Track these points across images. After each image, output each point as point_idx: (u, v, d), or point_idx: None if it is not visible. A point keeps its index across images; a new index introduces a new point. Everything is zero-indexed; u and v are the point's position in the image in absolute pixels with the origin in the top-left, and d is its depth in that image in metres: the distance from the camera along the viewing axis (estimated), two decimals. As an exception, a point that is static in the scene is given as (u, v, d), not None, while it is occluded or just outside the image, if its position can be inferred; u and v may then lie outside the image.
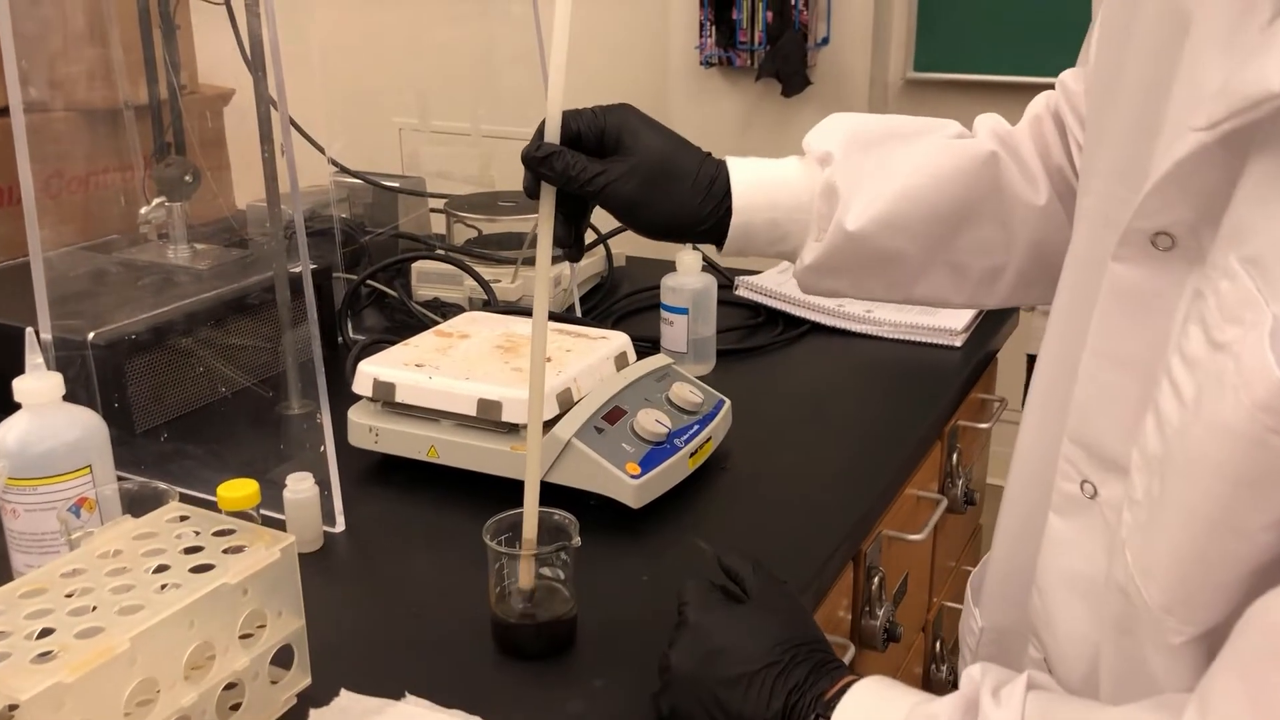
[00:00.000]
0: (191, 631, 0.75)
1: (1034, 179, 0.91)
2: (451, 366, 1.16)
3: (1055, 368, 0.74)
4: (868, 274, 0.92)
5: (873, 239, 0.89)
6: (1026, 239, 0.90)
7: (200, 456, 1.20)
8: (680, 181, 0.88)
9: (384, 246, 1.71)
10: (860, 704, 0.71)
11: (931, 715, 0.66)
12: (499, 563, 0.91)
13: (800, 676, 0.74)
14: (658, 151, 0.88)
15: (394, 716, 0.83)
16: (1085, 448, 0.67)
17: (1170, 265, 0.60)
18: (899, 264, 0.91)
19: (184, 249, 1.46)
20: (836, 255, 0.90)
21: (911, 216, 0.89)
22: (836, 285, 0.93)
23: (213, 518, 0.85)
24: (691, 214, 0.88)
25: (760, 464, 1.22)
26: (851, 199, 0.89)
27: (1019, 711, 0.62)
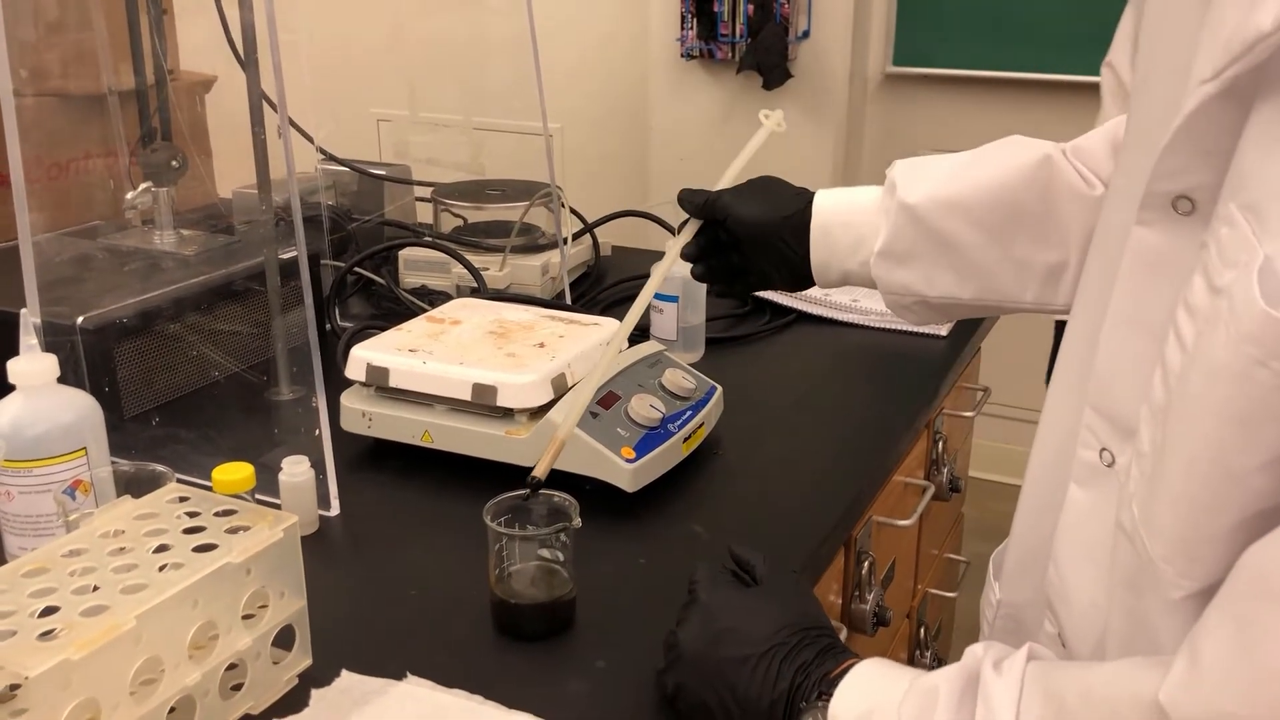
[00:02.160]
0: (195, 611, 0.75)
1: (1093, 174, 0.94)
2: (445, 351, 1.16)
3: (1081, 338, 0.75)
4: (935, 261, 0.96)
5: (931, 217, 0.95)
6: (1083, 232, 0.93)
7: (192, 441, 1.19)
8: (772, 189, 1.05)
9: (370, 234, 1.70)
10: (862, 681, 0.72)
11: (931, 687, 0.67)
12: (499, 544, 0.91)
13: (807, 658, 0.76)
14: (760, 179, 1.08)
15: (396, 697, 0.83)
16: (1105, 415, 0.68)
17: (1190, 230, 0.61)
18: (963, 252, 0.95)
19: (170, 235, 1.45)
20: (901, 236, 0.96)
21: (968, 200, 0.94)
22: (908, 277, 0.98)
23: (213, 498, 0.84)
24: (777, 211, 1.02)
25: (752, 450, 1.22)
26: (911, 181, 0.97)
27: (1018, 680, 0.63)
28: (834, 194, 1.02)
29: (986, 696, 0.64)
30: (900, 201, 0.96)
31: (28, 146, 1.31)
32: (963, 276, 0.96)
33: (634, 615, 0.94)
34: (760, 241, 1.03)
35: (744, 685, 0.76)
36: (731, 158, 1.53)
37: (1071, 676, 0.62)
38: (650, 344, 1.25)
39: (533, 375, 1.11)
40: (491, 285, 1.55)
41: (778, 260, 1.03)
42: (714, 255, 1.08)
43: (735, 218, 1.03)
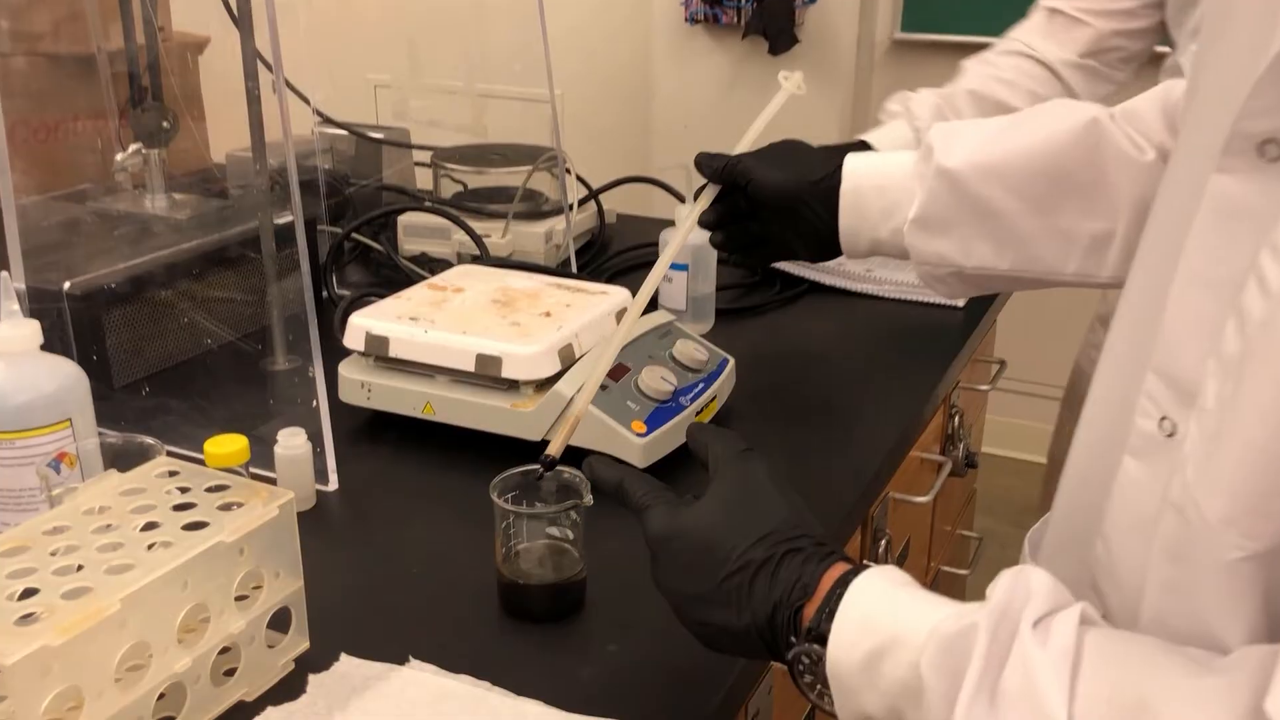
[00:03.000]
0: (185, 593, 0.70)
1: (1143, 139, 0.89)
2: (447, 320, 1.12)
3: (1142, 300, 0.70)
4: (973, 230, 0.91)
5: (971, 183, 0.90)
6: (1133, 200, 0.88)
7: (183, 412, 1.15)
8: (797, 153, 1.00)
9: (368, 199, 1.65)
10: (863, 606, 0.62)
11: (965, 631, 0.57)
12: (506, 521, 0.86)
13: (771, 581, 0.66)
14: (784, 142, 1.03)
15: (398, 683, 0.79)
16: (1168, 380, 0.63)
17: (1277, 176, 0.56)
18: (1002, 220, 0.90)
19: (161, 199, 1.40)
20: (937, 203, 0.92)
21: (1009, 166, 0.89)
22: (943, 246, 0.93)
23: (204, 473, 0.80)
24: (803, 175, 0.97)
25: (766, 424, 1.18)
26: (951, 144, 0.92)
27: (1069, 652, 0.55)
28: (865, 157, 0.98)
29: (1027, 669, 0.55)
30: (938, 166, 0.92)
31: (11, 106, 1.26)
32: (1001, 246, 0.91)
33: (646, 596, 0.89)
34: (784, 208, 0.98)
35: (724, 619, 0.68)
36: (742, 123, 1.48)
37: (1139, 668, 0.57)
38: (660, 314, 1.21)
39: (539, 345, 1.06)
40: (493, 252, 1.51)
41: (802, 228, 0.98)
42: (732, 223, 1.03)
43: (757, 183, 0.98)
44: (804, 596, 0.65)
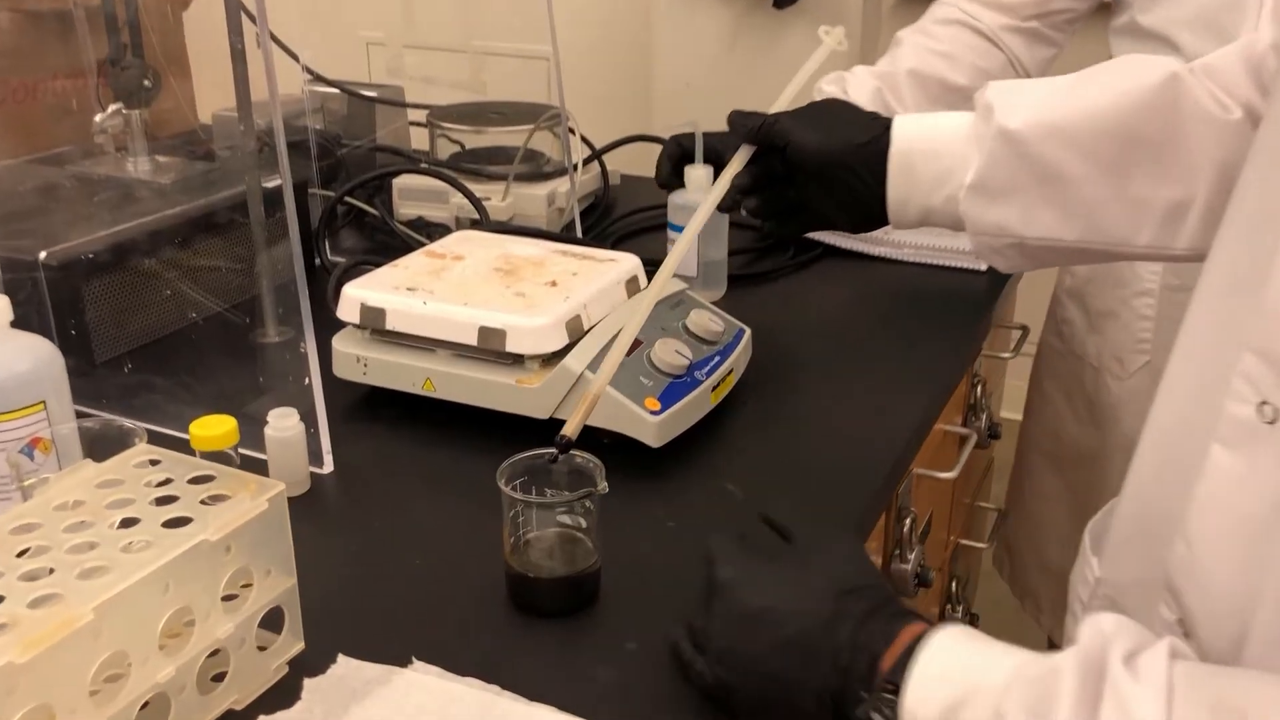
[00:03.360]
0: (166, 597, 0.64)
1: (1227, 96, 0.81)
2: (447, 291, 1.05)
3: (1234, 273, 0.64)
4: (1036, 197, 0.83)
5: (1035, 145, 0.82)
6: (1214, 163, 0.80)
7: (169, 389, 1.08)
8: (840, 114, 0.92)
9: (361, 161, 1.58)
10: (941, 660, 0.60)
11: (1048, 674, 0.55)
12: (514, 510, 0.80)
13: (850, 631, 0.64)
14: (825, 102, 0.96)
15: (400, 686, 0.73)
16: (1271, 361, 0.57)
17: None
18: (1069, 186, 0.82)
19: (144, 161, 1.33)
20: (998, 167, 0.84)
21: (1079, 127, 0.82)
22: (1003, 214, 0.85)
23: (188, 461, 0.74)
24: (848, 137, 0.90)
25: (784, 398, 1.12)
26: (1012, 103, 0.84)
27: (1164, 688, 0.52)
28: (916, 119, 0.90)
29: (1122, 703, 0.53)
30: (999, 127, 0.83)
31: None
32: (1067, 215, 0.83)
33: (665, 587, 0.83)
34: (825, 173, 0.90)
35: (785, 674, 0.65)
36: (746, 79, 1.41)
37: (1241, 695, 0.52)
38: (673, 282, 1.14)
39: (545, 318, 1.00)
40: (494, 216, 1.44)
41: (845, 195, 0.91)
42: (767, 187, 0.96)
43: (796, 144, 0.91)
44: (885, 645, 0.62)
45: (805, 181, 0.93)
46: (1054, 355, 1.44)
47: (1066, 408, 1.40)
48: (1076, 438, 1.38)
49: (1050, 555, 1.48)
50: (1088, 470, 1.37)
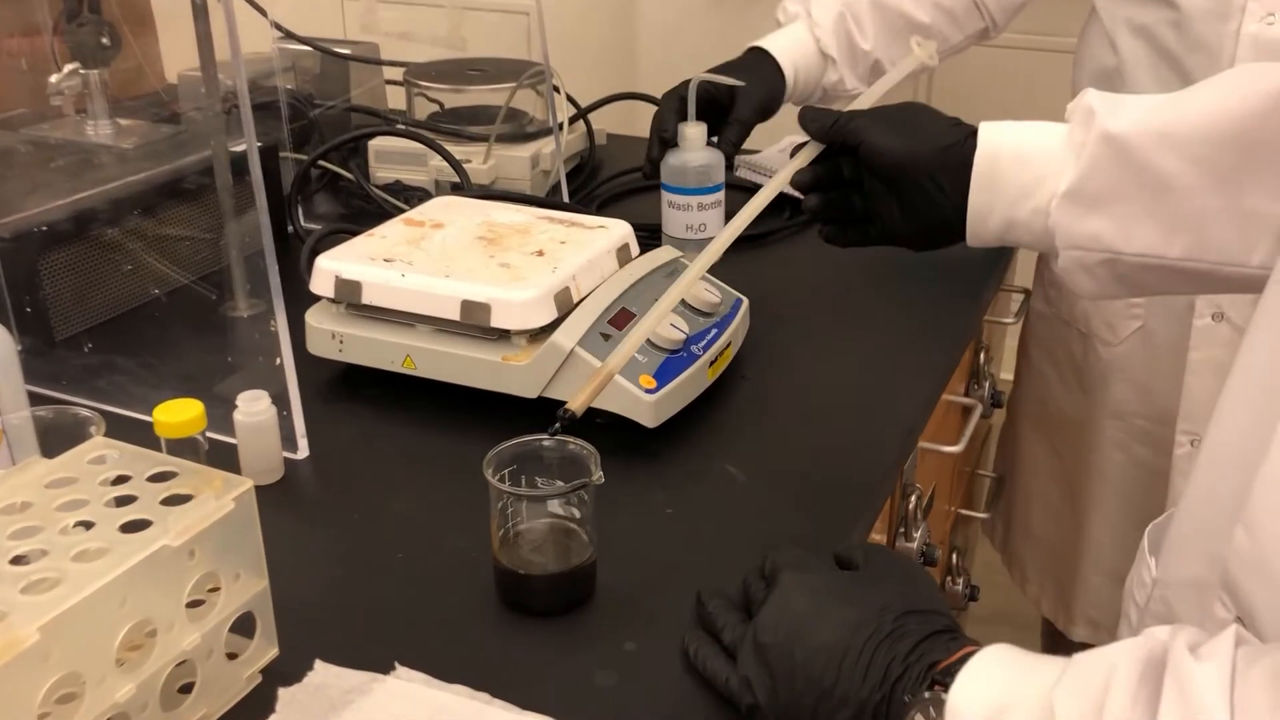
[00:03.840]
0: (124, 610, 0.59)
1: None
2: (427, 262, 0.99)
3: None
4: (1138, 207, 0.75)
5: (1143, 151, 0.75)
6: None
7: (132, 370, 1.02)
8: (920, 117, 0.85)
9: (335, 122, 1.51)
10: (989, 668, 0.58)
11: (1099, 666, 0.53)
12: (502, 502, 0.75)
13: (909, 644, 0.62)
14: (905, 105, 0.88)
15: (382, 696, 0.68)
16: None
17: None
18: (1176, 196, 0.74)
19: (105, 125, 1.26)
20: (1099, 173, 0.76)
21: (1190, 133, 0.74)
22: (1100, 226, 0.77)
23: (147, 456, 0.68)
24: (928, 141, 0.82)
25: (784, 371, 1.06)
26: (1116, 106, 0.77)
27: (1228, 664, 0.49)
28: (1004, 126, 0.82)
29: (1182, 682, 0.50)
30: (1101, 130, 0.76)
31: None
32: (1172, 229, 0.75)
33: (665, 580, 0.78)
34: (901, 179, 0.82)
35: (831, 680, 0.61)
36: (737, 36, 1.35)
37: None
38: (665, 249, 1.08)
39: (532, 290, 0.94)
40: (475, 179, 1.37)
41: (920, 204, 0.82)
42: (831, 190, 0.89)
43: (872, 146, 0.83)
44: (942, 657, 0.60)
45: (875, 188, 0.85)
46: (1041, 321, 1.38)
47: (1053, 374, 1.35)
48: (1063, 404, 1.33)
49: (1035, 522, 1.44)
50: (1074, 437, 1.33)
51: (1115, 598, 1.35)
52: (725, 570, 0.77)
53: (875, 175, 0.84)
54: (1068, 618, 1.41)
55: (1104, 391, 1.27)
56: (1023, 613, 1.64)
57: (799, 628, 0.64)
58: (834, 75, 1.33)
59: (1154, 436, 1.24)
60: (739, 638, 0.67)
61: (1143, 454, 1.26)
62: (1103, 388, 1.27)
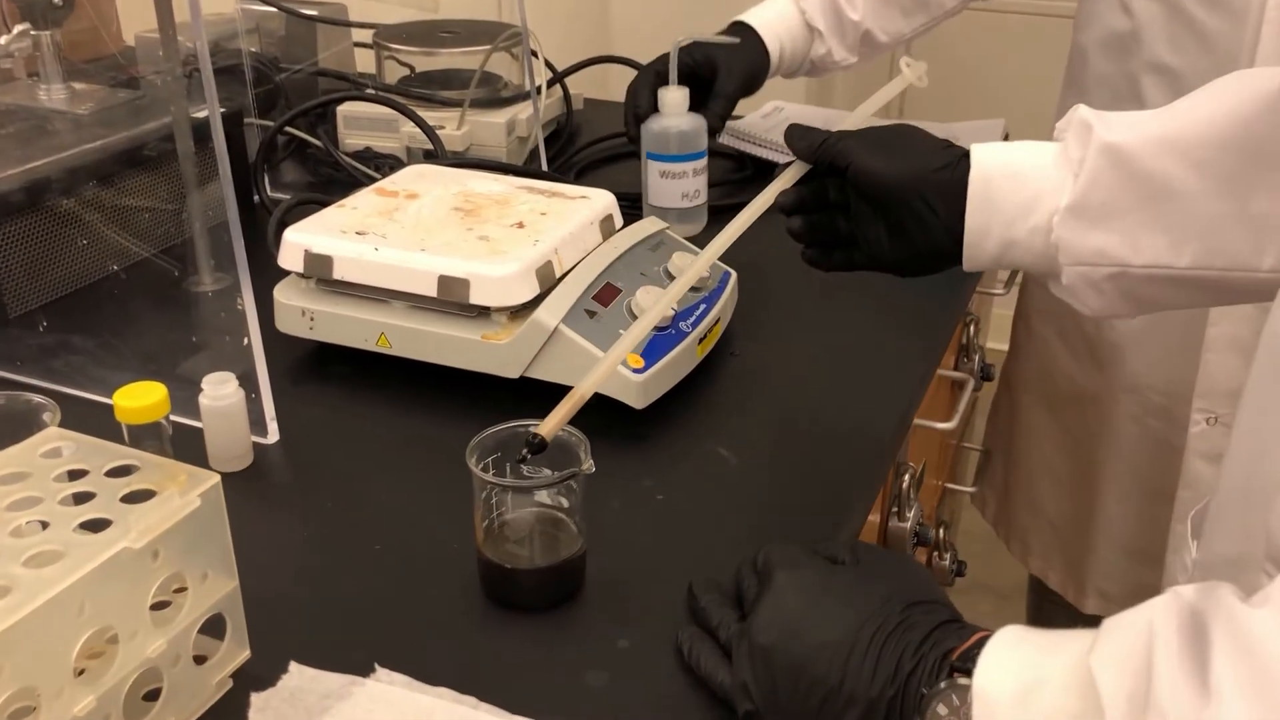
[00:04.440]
0: (82, 619, 0.54)
1: None
2: (402, 234, 0.94)
3: None
4: (1144, 218, 0.72)
5: (1144, 159, 0.72)
6: None
7: (90, 350, 0.97)
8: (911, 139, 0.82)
9: (302, 87, 1.45)
10: (1009, 649, 0.55)
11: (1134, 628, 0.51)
12: (486, 491, 0.71)
13: (918, 637, 0.59)
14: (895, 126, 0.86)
15: (363, 701, 0.64)
16: None
17: None
18: (1182, 204, 0.71)
19: (59, 89, 1.19)
20: (1101, 186, 0.72)
21: (1192, 138, 0.71)
22: (1105, 239, 0.73)
23: (105, 448, 0.63)
24: (920, 163, 0.79)
25: (773, 348, 1.03)
26: (1110, 119, 0.74)
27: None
28: (996, 146, 0.78)
29: (1238, 631, 0.47)
30: (1100, 142, 0.72)
31: None
32: (1180, 237, 0.72)
33: (657, 571, 0.75)
34: (891, 201, 0.79)
35: (837, 678, 0.58)
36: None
37: None
38: (650, 221, 1.04)
39: (513, 265, 0.89)
40: (449, 146, 1.32)
41: (911, 227, 0.79)
42: (816, 212, 0.85)
43: (860, 169, 0.79)
44: (956, 644, 0.58)
45: (862, 211, 0.81)
46: (1043, 292, 1.35)
47: (1060, 346, 1.31)
48: (1073, 377, 1.30)
49: (1041, 495, 1.42)
50: (1086, 410, 1.30)
51: (1127, 570, 1.34)
52: (719, 560, 0.74)
53: (863, 197, 0.81)
54: (1078, 590, 1.38)
55: (1119, 366, 1.24)
56: (1003, 582, 1.63)
57: (796, 627, 0.61)
58: (821, 48, 1.29)
59: (1169, 411, 1.20)
60: (734, 637, 0.64)
61: (1157, 428, 1.23)
62: (1117, 362, 1.23)
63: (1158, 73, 1.08)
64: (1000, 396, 1.50)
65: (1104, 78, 1.16)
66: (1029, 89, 2.01)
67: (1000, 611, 1.95)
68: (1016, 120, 1.46)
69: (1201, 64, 1.04)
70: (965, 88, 0.83)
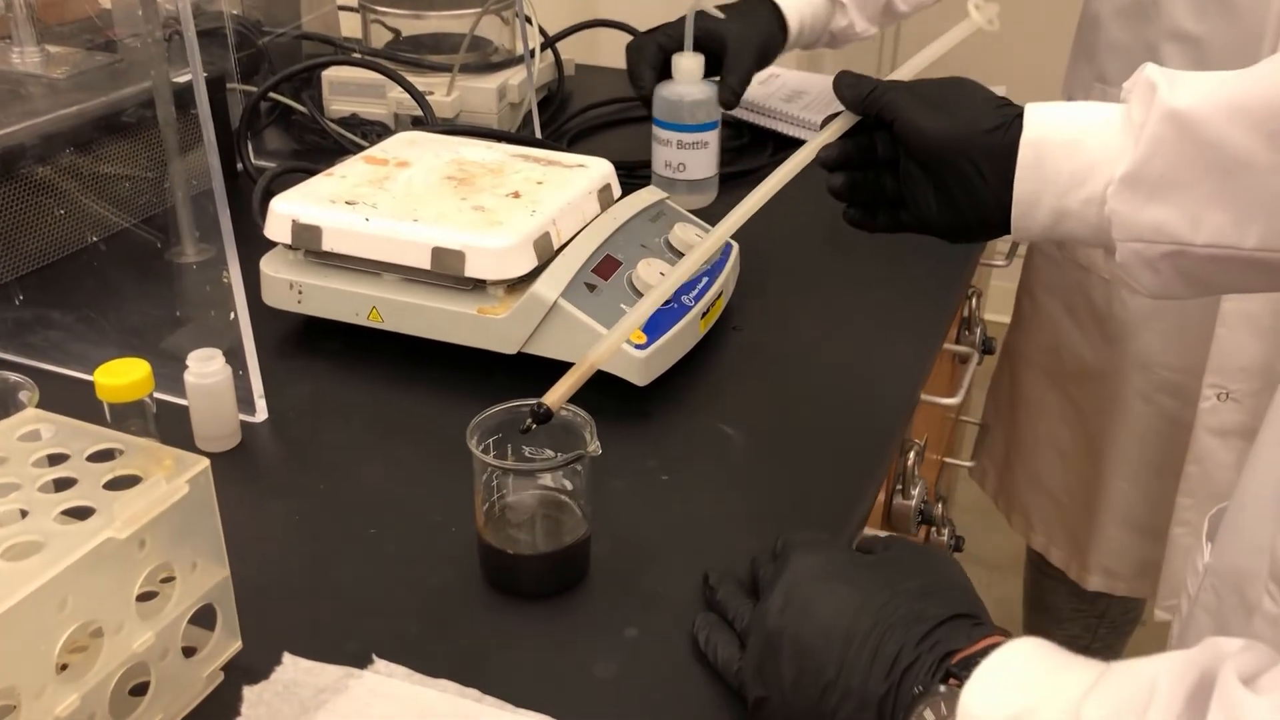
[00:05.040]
0: (64, 614, 0.51)
1: None
2: (393, 204, 0.91)
3: None
4: (1208, 192, 0.66)
5: (1212, 127, 0.65)
6: None
7: (69, 325, 0.93)
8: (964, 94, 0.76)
9: (286, 51, 1.41)
10: (1012, 665, 0.51)
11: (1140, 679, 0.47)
12: (487, 474, 0.68)
13: (920, 631, 0.55)
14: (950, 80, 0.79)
15: (361, 694, 0.61)
16: None
17: None
18: (1250, 178, 0.65)
19: (33, 52, 1.15)
20: (1162, 155, 0.67)
21: (1269, 105, 0.64)
22: (1163, 214, 0.68)
23: (87, 431, 0.60)
24: (971, 122, 0.73)
25: (777, 322, 1.00)
26: (1178, 80, 0.68)
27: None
28: (1052, 107, 0.73)
29: (1235, 715, 0.43)
30: (1164, 107, 0.67)
31: None
32: (1246, 215, 0.66)
33: (665, 555, 0.72)
34: (939, 162, 0.73)
35: (834, 669, 0.55)
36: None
37: None
38: (650, 190, 1.01)
39: (510, 236, 0.86)
40: (438, 113, 1.28)
41: (958, 192, 0.74)
42: (860, 167, 0.80)
43: (908, 123, 0.74)
44: (960, 645, 0.54)
45: (911, 170, 0.76)
46: (1051, 266, 1.32)
47: (1068, 321, 1.29)
48: (1081, 353, 1.27)
49: (1044, 471, 1.39)
50: (1093, 386, 1.28)
51: (1132, 548, 1.32)
52: (728, 543, 0.72)
53: (911, 156, 0.76)
54: (1082, 567, 1.37)
55: (1129, 342, 1.21)
56: (996, 554, 1.61)
57: (804, 612, 0.58)
58: (843, 20, 1.24)
59: (1180, 387, 1.18)
60: (748, 623, 0.61)
61: (1168, 404, 1.21)
62: (1129, 337, 1.21)
63: (1178, 40, 1.05)
64: (1001, 370, 1.48)
65: (1118, 45, 1.13)
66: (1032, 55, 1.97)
67: (992, 585, 1.93)
68: (1019, 88, 1.43)
69: (1225, 32, 1.01)
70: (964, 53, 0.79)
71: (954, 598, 0.58)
